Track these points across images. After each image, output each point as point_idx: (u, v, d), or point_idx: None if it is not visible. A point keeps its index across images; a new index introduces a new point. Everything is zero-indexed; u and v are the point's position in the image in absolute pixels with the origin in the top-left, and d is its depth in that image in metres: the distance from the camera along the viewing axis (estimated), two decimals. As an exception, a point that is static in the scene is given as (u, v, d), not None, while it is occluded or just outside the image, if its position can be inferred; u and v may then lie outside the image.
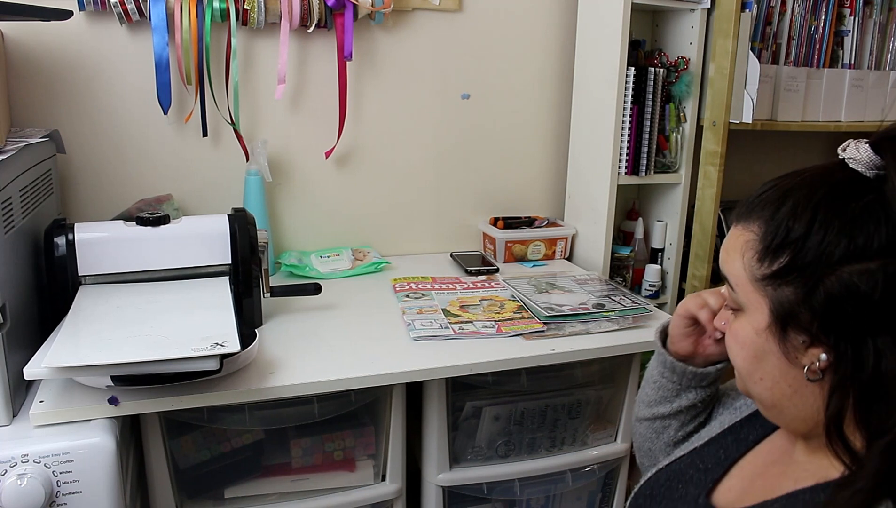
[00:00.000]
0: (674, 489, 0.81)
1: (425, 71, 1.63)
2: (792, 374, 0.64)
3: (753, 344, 0.66)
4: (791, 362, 0.64)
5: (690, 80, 1.60)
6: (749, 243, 0.66)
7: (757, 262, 0.64)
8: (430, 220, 1.72)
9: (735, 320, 0.69)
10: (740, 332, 0.68)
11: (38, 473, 0.85)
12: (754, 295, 0.65)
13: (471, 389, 1.24)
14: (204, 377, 0.93)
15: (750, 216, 0.66)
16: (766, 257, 0.64)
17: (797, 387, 0.65)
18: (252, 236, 1.16)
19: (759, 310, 0.65)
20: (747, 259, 0.65)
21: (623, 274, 1.71)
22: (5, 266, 0.92)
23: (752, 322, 0.66)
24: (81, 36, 1.37)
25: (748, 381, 0.69)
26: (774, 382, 0.66)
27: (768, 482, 0.71)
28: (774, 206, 0.65)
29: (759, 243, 0.64)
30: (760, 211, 0.65)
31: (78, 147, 1.41)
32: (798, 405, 0.66)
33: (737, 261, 0.67)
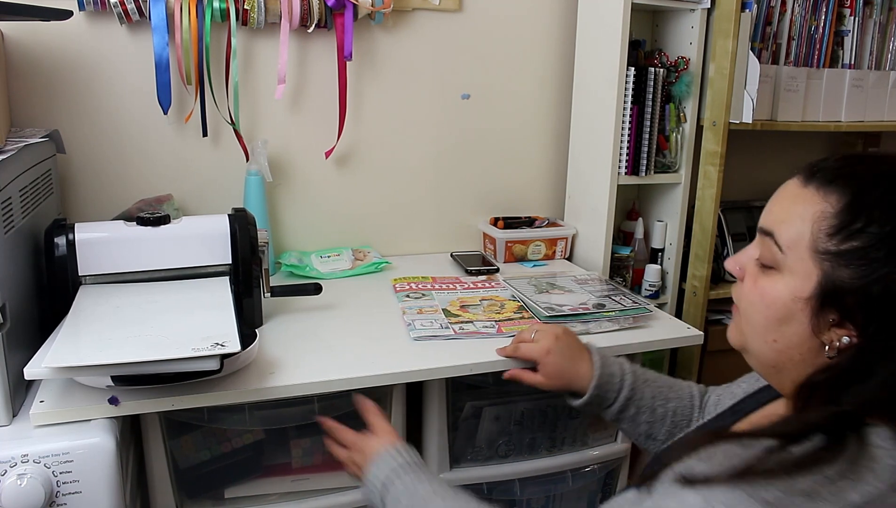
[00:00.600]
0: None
1: (425, 71, 1.63)
2: (808, 345, 0.66)
3: (785, 307, 0.66)
4: (813, 334, 0.65)
5: (690, 80, 1.60)
6: (824, 213, 0.64)
7: (826, 236, 0.64)
8: (430, 220, 1.72)
9: (765, 276, 0.69)
10: (771, 291, 0.68)
11: (38, 473, 0.85)
12: (808, 264, 0.65)
13: (471, 389, 1.24)
14: (204, 377, 0.93)
15: (831, 184, 0.65)
16: (838, 233, 0.63)
17: (806, 357, 0.67)
18: (252, 236, 1.16)
19: (805, 278, 0.65)
20: (817, 229, 0.64)
21: (623, 274, 1.71)
22: (5, 266, 0.92)
23: (790, 287, 0.66)
24: (81, 36, 1.37)
25: (757, 338, 0.70)
26: (787, 347, 0.68)
27: None
28: (861, 185, 0.64)
29: (836, 217, 0.64)
30: (844, 185, 0.64)
31: (78, 147, 1.41)
32: (799, 371, 0.68)
33: (801, 225, 0.65)
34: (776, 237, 0.68)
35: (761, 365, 0.72)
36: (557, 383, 1.04)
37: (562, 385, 1.04)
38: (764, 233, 0.70)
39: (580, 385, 1.02)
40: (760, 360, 0.72)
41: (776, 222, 0.69)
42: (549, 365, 1.03)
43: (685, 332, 1.26)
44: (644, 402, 1.02)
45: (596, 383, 1.01)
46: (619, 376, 1.03)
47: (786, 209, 0.68)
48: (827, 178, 0.66)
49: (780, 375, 0.71)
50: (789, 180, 0.71)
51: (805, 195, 0.67)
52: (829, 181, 0.66)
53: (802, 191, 0.67)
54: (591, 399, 1.02)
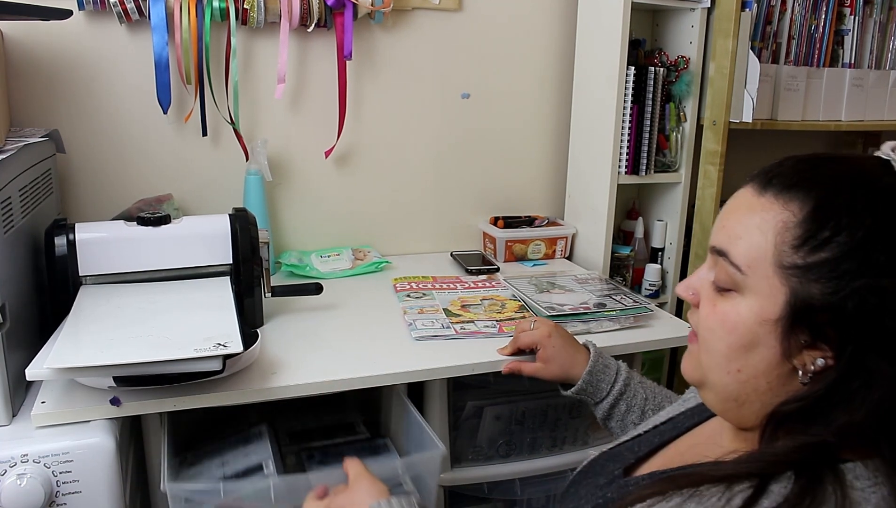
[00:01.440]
0: (606, 467, 0.81)
1: (425, 71, 1.63)
2: (777, 372, 0.60)
3: (750, 332, 0.59)
4: (784, 359, 0.59)
5: (690, 79, 1.60)
6: (786, 222, 0.58)
7: (791, 248, 0.57)
8: (430, 219, 1.72)
9: (724, 299, 0.62)
10: (733, 316, 0.61)
11: (38, 473, 0.85)
12: (772, 281, 0.58)
13: (472, 389, 1.24)
14: (206, 378, 0.93)
15: (791, 189, 0.58)
16: (804, 244, 0.57)
17: (774, 385, 0.60)
18: (253, 235, 1.16)
19: (771, 298, 0.58)
20: (780, 241, 0.58)
21: (623, 274, 1.71)
22: (5, 266, 0.92)
23: (755, 309, 0.59)
24: (81, 36, 1.37)
25: (718, 369, 0.63)
26: (752, 376, 0.61)
27: (685, 458, 0.70)
28: (825, 189, 0.58)
29: (801, 226, 0.57)
30: (807, 189, 0.58)
31: (78, 147, 1.40)
32: (764, 402, 0.61)
33: (760, 238, 0.59)
34: (731, 257, 0.61)
35: (721, 401, 0.65)
36: (555, 369, 1.04)
37: (559, 372, 1.04)
38: (717, 253, 0.62)
39: (576, 373, 1.03)
40: (721, 395, 0.64)
41: (730, 238, 0.61)
42: (549, 348, 1.04)
43: (685, 331, 1.24)
44: (636, 401, 1.02)
45: (590, 368, 1.02)
46: (614, 369, 1.04)
47: (740, 223, 0.61)
48: (786, 183, 0.59)
49: (741, 409, 0.63)
50: (740, 190, 0.64)
51: (762, 205, 0.60)
52: (789, 187, 0.59)
53: (758, 200, 0.60)
54: (585, 387, 1.02)
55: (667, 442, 0.79)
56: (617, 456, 0.83)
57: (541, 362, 1.05)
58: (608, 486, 0.76)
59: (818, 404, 0.57)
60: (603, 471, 0.81)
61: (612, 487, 0.75)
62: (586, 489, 0.80)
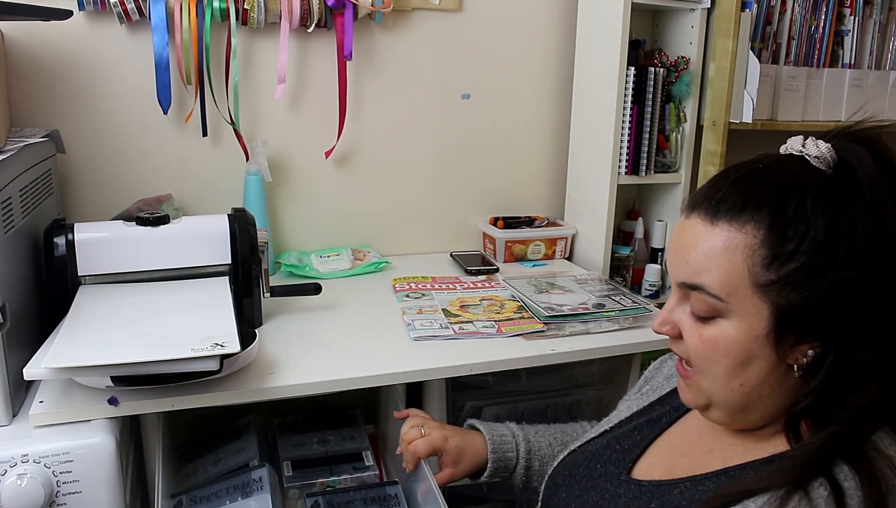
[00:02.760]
0: (592, 468, 0.82)
1: (425, 71, 1.63)
2: (775, 374, 0.64)
3: (743, 351, 0.64)
4: (779, 361, 0.63)
5: (690, 79, 1.60)
6: (750, 245, 0.62)
7: (763, 268, 0.61)
8: (430, 220, 1.72)
9: (708, 326, 0.65)
10: (724, 340, 0.64)
11: (38, 473, 0.85)
12: (753, 301, 0.62)
13: (471, 389, 1.24)
14: (204, 378, 0.93)
15: (742, 213, 0.62)
16: (774, 261, 0.61)
17: (776, 385, 0.65)
18: (252, 235, 1.16)
19: (756, 316, 0.63)
20: (751, 264, 0.62)
21: (623, 274, 1.71)
22: (5, 266, 0.92)
23: (742, 329, 0.63)
24: (81, 36, 1.37)
25: (722, 389, 0.66)
26: (754, 386, 0.65)
27: (693, 460, 0.72)
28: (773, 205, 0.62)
29: (764, 246, 0.61)
30: (756, 210, 0.62)
31: (78, 147, 1.41)
32: (770, 402, 0.66)
33: (731, 267, 0.63)
34: (707, 289, 0.64)
35: (729, 414, 0.68)
36: (467, 466, 0.98)
37: (469, 467, 0.99)
38: (688, 287, 0.66)
39: (481, 459, 0.99)
40: (728, 410, 0.68)
41: (698, 272, 0.64)
42: (452, 450, 0.97)
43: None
44: (543, 451, 1.01)
45: (492, 447, 0.98)
46: (509, 434, 1.01)
47: (703, 255, 0.64)
48: (734, 207, 0.63)
49: (749, 417, 0.68)
50: (685, 222, 0.67)
51: (718, 234, 0.63)
52: (739, 209, 0.63)
53: (712, 230, 0.64)
54: (496, 466, 0.98)
55: (651, 439, 0.81)
56: (599, 456, 0.83)
57: (449, 467, 0.98)
58: (617, 488, 0.77)
59: (827, 395, 0.62)
60: (591, 472, 0.82)
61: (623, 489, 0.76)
62: (585, 491, 0.80)
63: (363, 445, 1.19)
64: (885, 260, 0.61)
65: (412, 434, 0.98)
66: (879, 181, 0.62)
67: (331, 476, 1.10)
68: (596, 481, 0.80)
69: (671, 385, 0.86)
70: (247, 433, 1.17)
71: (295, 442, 1.19)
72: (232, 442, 1.16)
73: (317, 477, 1.09)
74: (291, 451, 1.17)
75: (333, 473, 1.11)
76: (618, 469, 0.79)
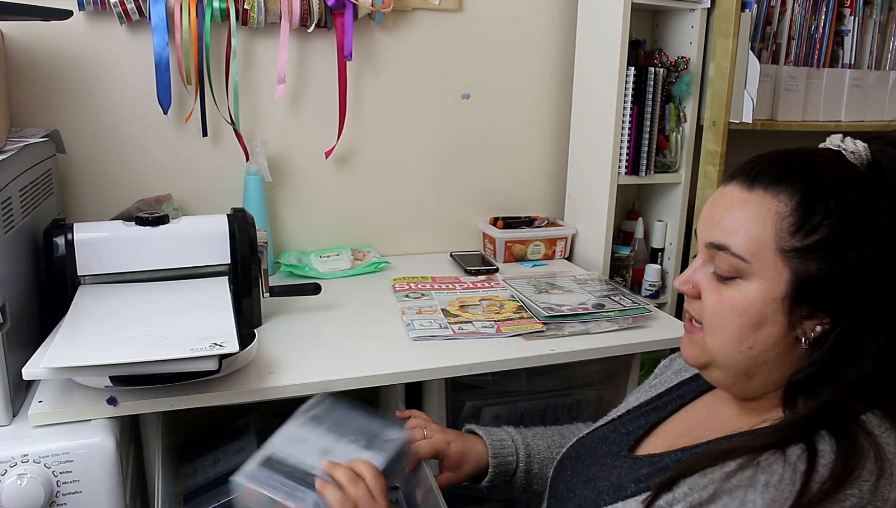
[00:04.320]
0: (597, 449, 0.85)
1: (425, 71, 1.63)
2: (783, 342, 0.67)
3: (759, 312, 0.67)
4: (790, 330, 0.66)
5: (690, 80, 1.60)
6: (780, 212, 0.65)
7: (789, 234, 0.65)
8: (430, 220, 1.72)
9: (728, 287, 0.69)
10: (742, 299, 0.67)
11: (38, 473, 0.85)
12: (776, 265, 0.65)
13: (470, 389, 1.24)
14: (203, 378, 0.93)
15: (779, 183, 0.66)
16: (800, 229, 0.64)
17: (783, 354, 0.67)
18: (252, 235, 1.16)
19: (775, 279, 0.66)
20: (779, 229, 0.65)
21: (623, 274, 1.71)
22: (5, 266, 0.92)
23: (761, 291, 0.66)
24: (81, 36, 1.37)
25: (730, 349, 0.69)
26: (762, 350, 0.68)
27: (693, 437, 0.74)
28: (808, 179, 0.65)
29: (794, 214, 0.65)
30: (792, 182, 0.66)
31: (78, 147, 1.41)
32: (774, 370, 0.68)
33: (759, 229, 0.66)
34: (732, 249, 0.67)
35: (731, 376, 0.71)
36: (468, 470, 0.98)
37: (469, 472, 0.99)
38: (715, 247, 0.69)
39: (482, 464, 0.99)
40: (731, 371, 0.71)
41: (727, 233, 0.68)
42: (454, 455, 0.97)
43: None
44: (542, 454, 1.01)
45: (492, 452, 0.99)
46: (509, 439, 1.01)
47: (735, 219, 0.68)
48: (771, 178, 0.67)
49: (749, 382, 0.70)
50: (723, 190, 0.71)
51: (753, 200, 0.67)
52: (776, 181, 0.66)
53: (748, 196, 0.68)
54: (496, 470, 0.98)
55: (656, 423, 0.83)
56: (605, 439, 0.85)
57: (450, 470, 0.98)
58: (614, 462, 0.79)
59: (825, 368, 0.65)
60: (596, 452, 0.84)
61: (619, 462, 0.78)
62: (587, 467, 0.82)
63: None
64: None
65: (415, 435, 0.98)
66: None
67: None
68: (598, 458, 0.82)
69: (679, 379, 0.88)
70: (246, 434, 1.17)
71: (294, 442, 1.19)
72: (231, 443, 1.16)
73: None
74: (291, 451, 1.17)
75: None
76: (619, 447, 0.81)
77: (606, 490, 0.75)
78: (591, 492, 0.77)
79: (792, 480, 0.59)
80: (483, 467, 0.99)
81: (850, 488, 0.58)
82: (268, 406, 1.22)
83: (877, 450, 0.60)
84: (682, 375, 0.88)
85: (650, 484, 0.70)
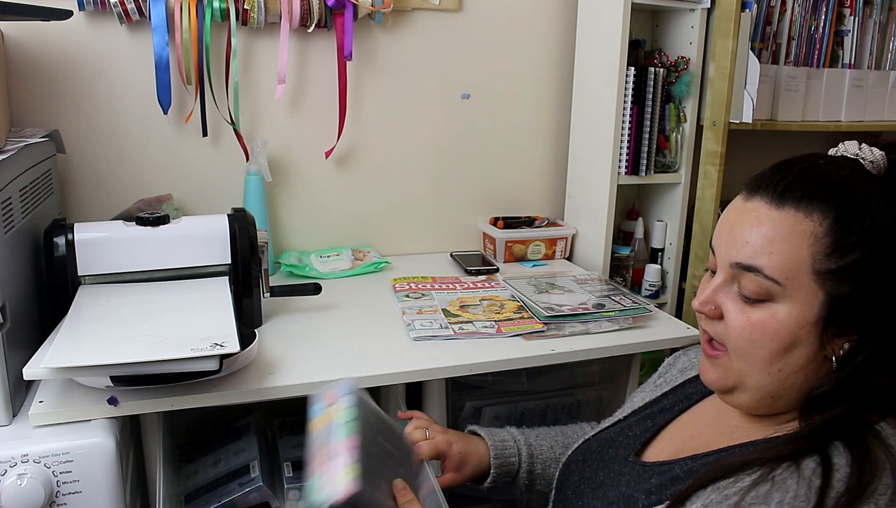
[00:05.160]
0: (604, 453, 0.84)
1: (425, 71, 1.63)
2: (813, 363, 0.65)
3: (791, 335, 0.64)
4: (820, 350, 0.65)
5: (690, 80, 1.60)
6: (815, 233, 0.63)
7: (825, 256, 0.63)
8: (430, 220, 1.72)
9: (757, 309, 0.66)
10: (773, 323, 0.65)
11: (38, 473, 0.85)
12: (809, 288, 0.63)
13: (471, 389, 1.24)
14: (203, 378, 0.93)
15: (811, 201, 0.63)
16: (836, 250, 0.62)
17: (811, 374, 0.66)
18: (252, 235, 1.16)
19: (808, 303, 0.63)
20: (815, 251, 0.63)
21: (623, 274, 1.71)
22: (5, 266, 0.92)
23: (794, 314, 0.64)
24: (81, 36, 1.37)
25: (759, 372, 0.67)
26: (792, 372, 0.66)
27: (703, 441, 0.74)
28: (840, 196, 0.63)
29: (829, 235, 0.62)
30: (823, 200, 0.63)
31: (78, 147, 1.41)
32: (800, 391, 0.66)
33: (794, 251, 0.63)
34: (764, 271, 0.64)
35: (756, 399, 0.69)
36: (469, 472, 0.98)
37: (471, 474, 0.98)
38: (743, 268, 0.66)
39: (484, 465, 0.98)
40: (757, 394, 0.68)
41: (758, 253, 0.65)
42: (456, 456, 0.96)
43: (685, 332, 1.26)
44: (545, 455, 1.01)
45: (494, 453, 0.98)
46: (511, 440, 1.01)
47: (765, 238, 0.65)
48: (802, 195, 0.64)
49: (775, 402, 0.68)
50: (746, 204, 0.68)
51: (784, 219, 0.64)
52: (808, 198, 0.64)
53: (778, 214, 0.65)
54: (499, 471, 0.98)
55: (663, 425, 0.82)
56: (612, 442, 0.85)
57: (452, 471, 0.97)
58: (622, 468, 0.78)
59: (846, 382, 0.64)
60: (603, 456, 0.83)
61: (628, 469, 0.77)
62: (595, 472, 0.82)
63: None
64: None
65: (417, 436, 0.97)
66: None
67: None
68: (606, 463, 0.82)
69: (684, 378, 0.87)
70: (247, 434, 1.17)
71: (295, 443, 1.19)
72: (232, 443, 1.16)
73: None
74: (291, 452, 1.17)
75: None
76: (627, 451, 0.81)
77: (616, 501, 0.74)
78: (600, 502, 0.76)
79: (807, 497, 0.58)
80: (485, 468, 0.98)
81: (865, 503, 0.57)
82: (268, 406, 1.22)
83: (893, 462, 0.59)
84: (687, 373, 0.88)
85: (661, 497, 0.69)
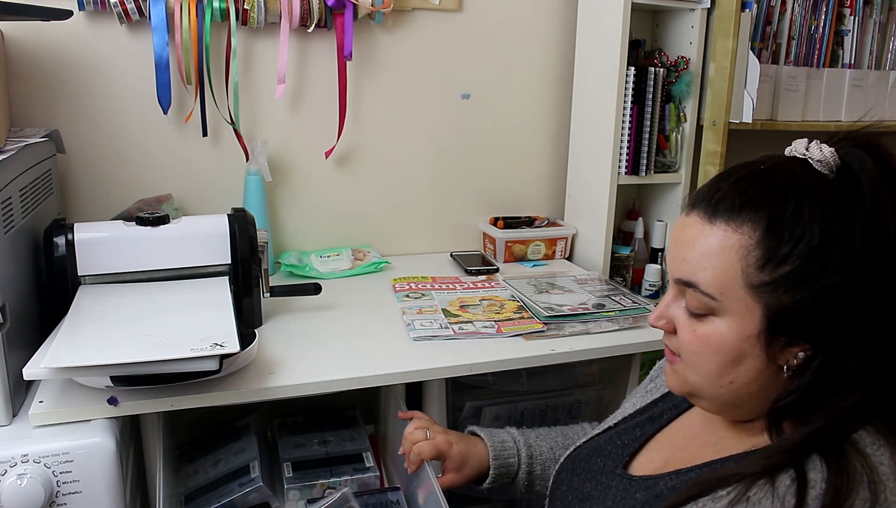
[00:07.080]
0: (593, 462, 0.83)
1: (425, 71, 1.63)
2: (766, 373, 0.64)
3: (734, 349, 0.64)
4: (770, 362, 0.64)
5: (690, 79, 1.60)
6: (745, 246, 0.62)
7: (757, 269, 0.62)
8: (430, 220, 1.72)
9: (702, 323, 0.66)
10: (716, 337, 0.65)
11: (38, 473, 0.85)
12: (746, 301, 0.63)
13: (471, 389, 1.24)
14: (203, 378, 0.93)
15: (740, 214, 0.63)
16: (768, 263, 0.61)
17: (766, 384, 0.65)
18: (252, 235, 1.16)
19: (748, 316, 0.63)
20: (745, 264, 0.62)
21: (623, 274, 1.71)
22: (5, 266, 0.92)
23: (735, 328, 0.64)
24: (81, 36, 1.37)
25: (711, 384, 0.67)
26: (744, 383, 0.66)
27: (690, 453, 0.74)
28: (771, 206, 0.62)
29: (759, 247, 0.62)
30: (754, 210, 0.62)
31: (78, 147, 1.41)
32: (758, 400, 0.66)
33: (725, 266, 0.63)
34: (701, 287, 0.64)
35: (717, 406, 0.70)
36: (470, 472, 0.98)
37: (471, 474, 0.98)
38: (683, 284, 0.66)
39: (484, 466, 0.98)
40: (716, 402, 0.69)
41: (693, 270, 0.65)
42: (456, 456, 0.96)
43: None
44: (545, 455, 1.01)
45: (493, 454, 0.98)
46: (510, 440, 1.01)
47: (700, 254, 0.65)
48: (732, 207, 0.63)
49: (737, 410, 0.69)
50: (685, 219, 0.68)
51: (715, 233, 0.64)
52: (738, 210, 0.63)
53: (710, 229, 0.64)
54: (498, 471, 0.98)
55: (651, 435, 0.82)
56: (600, 451, 0.84)
57: (452, 472, 0.97)
58: (610, 481, 0.78)
59: (812, 393, 0.62)
60: (591, 466, 0.83)
61: (615, 482, 0.77)
62: (583, 483, 0.81)
63: (363, 446, 1.19)
64: (881, 266, 0.61)
65: (417, 436, 0.97)
66: (880, 187, 0.62)
67: (331, 478, 1.10)
68: (594, 474, 0.81)
69: None
70: (247, 434, 1.17)
71: (295, 443, 1.19)
72: (232, 443, 1.16)
73: (317, 478, 1.09)
74: (291, 452, 1.17)
75: (334, 474, 1.11)
76: (615, 462, 0.80)
77: None
78: None
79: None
80: (485, 468, 0.98)
81: None
82: (268, 406, 1.22)
83: (870, 473, 0.58)
84: None
85: None
